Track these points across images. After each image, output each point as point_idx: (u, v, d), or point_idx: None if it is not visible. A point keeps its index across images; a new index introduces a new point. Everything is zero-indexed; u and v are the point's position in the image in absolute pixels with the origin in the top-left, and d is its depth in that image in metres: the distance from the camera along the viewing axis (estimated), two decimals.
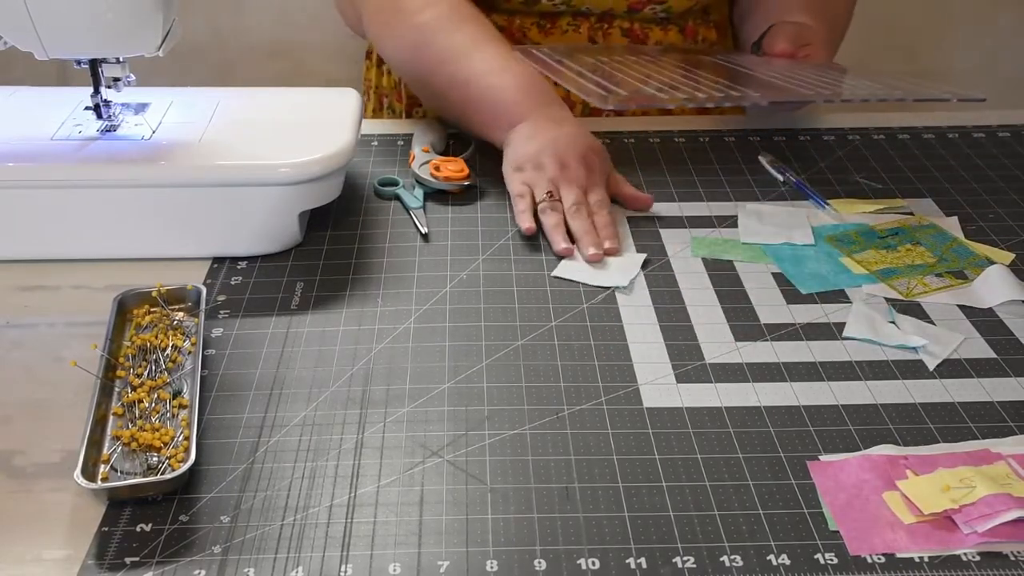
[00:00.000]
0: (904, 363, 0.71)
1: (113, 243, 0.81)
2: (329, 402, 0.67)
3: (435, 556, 0.56)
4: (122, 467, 0.61)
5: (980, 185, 0.95)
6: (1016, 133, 1.05)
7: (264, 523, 0.58)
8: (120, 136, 0.83)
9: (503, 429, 0.65)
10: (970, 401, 0.67)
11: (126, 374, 0.68)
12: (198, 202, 0.80)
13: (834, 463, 0.62)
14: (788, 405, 0.67)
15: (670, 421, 0.65)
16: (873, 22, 1.68)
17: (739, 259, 0.83)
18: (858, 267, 0.81)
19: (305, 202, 0.82)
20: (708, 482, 0.61)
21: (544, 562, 0.56)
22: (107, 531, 0.57)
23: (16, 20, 0.75)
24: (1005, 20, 1.69)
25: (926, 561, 0.56)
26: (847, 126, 1.06)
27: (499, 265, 0.82)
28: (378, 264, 0.82)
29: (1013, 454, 0.62)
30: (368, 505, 0.59)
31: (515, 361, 0.71)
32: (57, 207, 0.79)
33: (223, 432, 0.64)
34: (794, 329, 0.75)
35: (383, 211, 0.90)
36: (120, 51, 0.80)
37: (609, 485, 0.61)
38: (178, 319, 0.74)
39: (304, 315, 0.76)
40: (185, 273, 0.80)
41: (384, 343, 0.73)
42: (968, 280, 0.80)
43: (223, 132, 0.84)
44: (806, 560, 0.56)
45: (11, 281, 0.80)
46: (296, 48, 1.60)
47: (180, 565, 0.55)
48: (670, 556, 0.56)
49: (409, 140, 1.01)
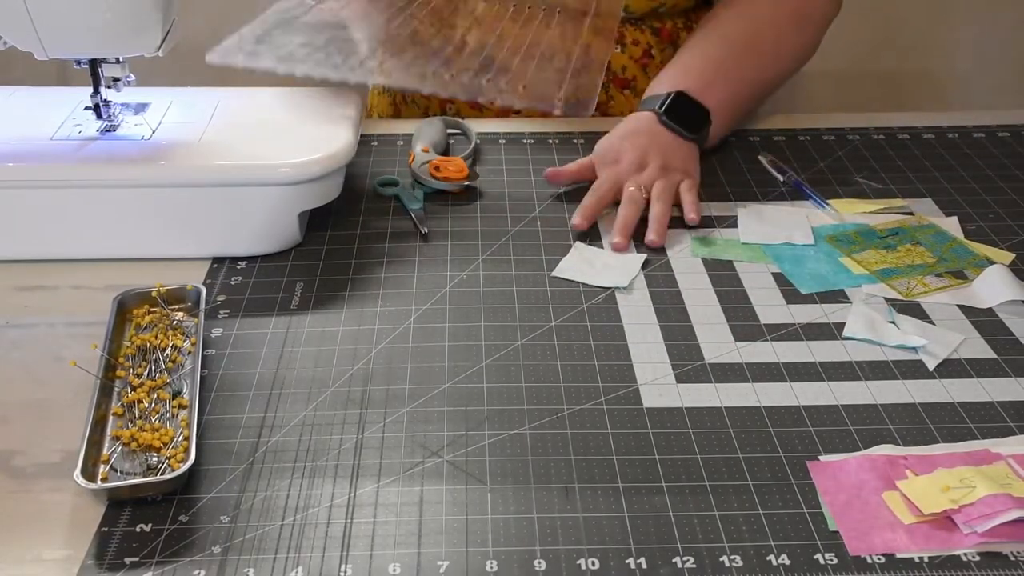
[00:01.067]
0: (904, 363, 0.71)
1: (113, 243, 0.81)
2: (329, 402, 0.67)
3: (435, 556, 0.56)
4: (122, 467, 0.61)
5: (980, 185, 0.95)
6: (1016, 133, 1.05)
7: (264, 523, 0.58)
8: (120, 136, 0.83)
9: (503, 429, 0.65)
10: (970, 401, 0.67)
11: (126, 374, 0.68)
12: (198, 202, 0.80)
13: (834, 463, 0.62)
14: (788, 405, 0.67)
15: (670, 421, 0.65)
16: (873, 22, 1.68)
17: (739, 259, 0.83)
18: (858, 267, 0.81)
19: (305, 202, 0.82)
20: (708, 482, 0.61)
21: (544, 562, 0.56)
22: (107, 531, 0.57)
23: (16, 20, 0.75)
24: (1005, 20, 1.69)
25: (926, 561, 0.56)
26: (847, 126, 1.06)
27: (499, 265, 0.82)
28: (378, 264, 0.82)
29: (1013, 454, 0.62)
30: (368, 505, 0.59)
31: (515, 361, 0.71)
32: (57, 207, 0.79)
33: (223, 432, 0.64)
34: (794, 329, 0.74)
35: (383, 211, 0.90)
36: (120, 51, 0.80)
37: (609, 485, 0.61)
38: (178, 319, 0.74)
39: (304, 315, 0.76)
40: (185, 273, 0.80)
41: (384, 343, 0.73)
42: (968, 280, 0.80)
43: (223, 132, 0.84)
44: (806, 560, 0.56)
45: (11, 281, 0.80)
46: None
47: (180, 565, 0.55)
48: (670, 556, 0.56)
49: (409, 140, 1.01)
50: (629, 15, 1.07)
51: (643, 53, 1.10)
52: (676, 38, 1.10)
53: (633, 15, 1.07)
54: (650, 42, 1.09)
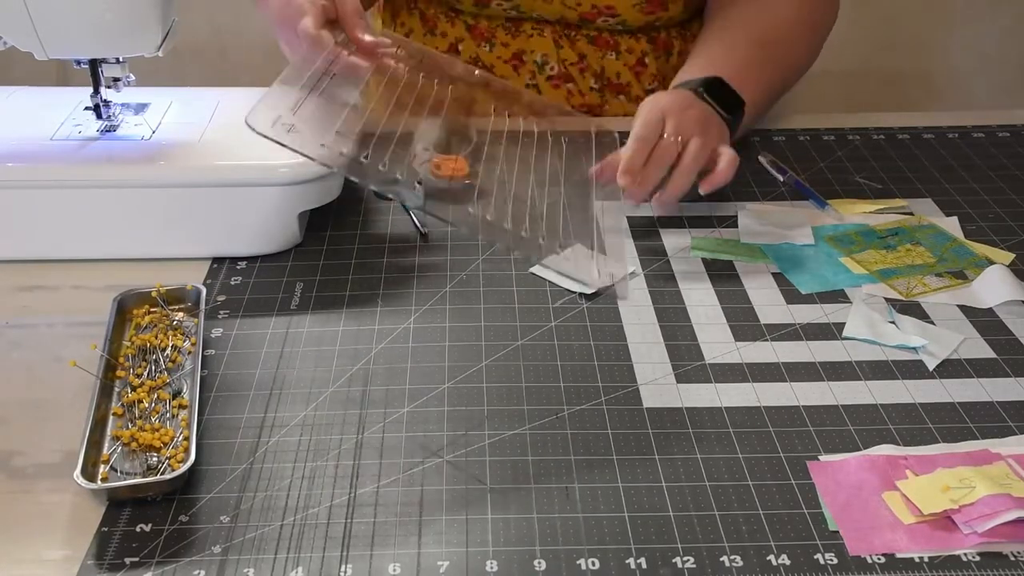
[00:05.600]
0: (904, 363, 0.71)
1: (113, 243, 0.81)
2: (329, 402, 0.67)
3: (435, 556, 0.56)
4: (122, 467, 0.61)
5: (980, 185, 0.95)
6: (1016, 133, 1.05)
7: (264, 523, 0.58)
8: (120, 136, 0.83)
9: (503, 429, 0.65)
10: (970, 401, 0.67)
11: (126, 374, 0.68)
12: (198, 202, 0.80)
13: (834, 463, 0.62)
14: (788, 405, 0.67)
15: (670, 421, 0.65)
16: (873, 22, 1.68)
17: (739, 259, 0.83)
18: (858, 267, 0.81)
19: (305, 202, 0.82)
20: (708, 482, 0.61)
21: (544, 562, 0.56)
22: (107, 531, 0.57)
23: (16, 20, 0.75)
24: (1004, 20, 1.69)
25: (926, 561, 0.56)
26: (847, 126, 1.06)
27: (499, 265, 0.82)
28: (378, 264, 0.82)
29: (1013, 454, 0.62)
30: (368, 505, 0.59)
31: (515, 361, 0.71)
32: (57, 207, 0.79)
33: (223, 432, 0.64)
34: (794, 329, 0.74)
35: (383, 211, 0.90)
36: (120, 51, 0.80)
37: (609, 485, 0.61)
38: (178, 319, 0.74)
39: (304, 315, 0.76)
40: (185, 273, 0.80)
41: (384, 343, 0.73)
42: (968, 280, 0.80)
43: (223, 132, 0.84)
44: (806, 560, 0.56)
45: (11, 281, 0.80)
46: None
47: (180, 565, 0.55)
48: (670, 556, 0.56)
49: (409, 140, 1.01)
50: (625, 28, 1.07)
51: (637, 61, 1.10)
52: (670, 47, 1.10)
53: (630, 28, 1.07)
54: (644, 50, 1.09)
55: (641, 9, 1.04)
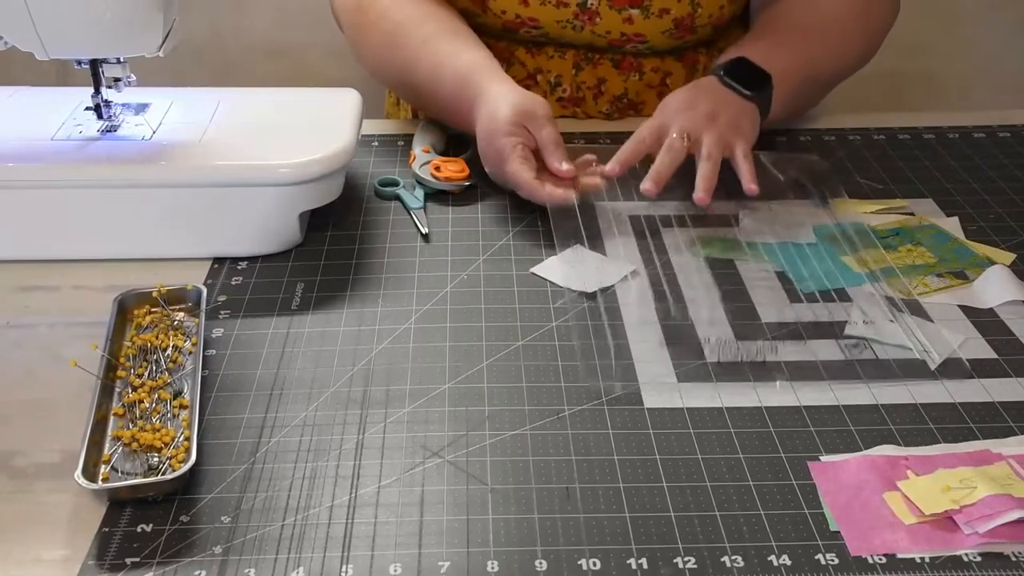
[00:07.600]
0: (905, 363, 0.71)
1: (113, 243, 0.81)
2: (329, 402, 0.67)
3: (436, 557, 0.56)
4: (123, 467, 0.61)
5: (980, 185, 0.95)
6: (1016, 133, 1.05)
7: (265, 524, 0.58)
8: (120, 136, 0.83)
9: (503, 429, 0.65)
10: (971, 401, 0.67)
11: (127, 374, 0.68)
12: (198, 202, 0.80)
13: (835, 463, 0.62)
14: (788, 405, 0.67)
15: (670, 421, 0.65)
16: None
17: (739, 259, 0.83)
18: (858, 267, 0.81)
19: (305, 202, 0.82)
20: (709, 482, 0.61)
21: (545, 563, 0.56)
22: (107, 531, 0.57)
23: (16, 20, 0.75)
24: (1004, 21, 1.69)
25: (927, 562, 0.56)
26: (847, 126, 1.06)
27: (499, 265, 0.82)
28: (378, 264, 0.82)
29: (1014, 455, 0.62)
30: (369, 506, 0.59)
31: (515, 361, 0.71)
32: (57, 207, 0.79)
33: (224, 432, 0.64)
34: (795, 329, 0.74)
35: (383, 211, 0.90)
36: (120, 51, 0.80)
37: (610, 485, 0.61)
38: (178, 319, 0.74)
39: (304, 315, 0.76)
40: (185, 273, 0.80)
41: (384, 343, 0.73)
42: (968, 280, 0.80)
43: (223, 132, 0.84)
44: (807, 561, 0.56)
45: (11, 281, 0.79)
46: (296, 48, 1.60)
47: (181, 566, 0.55)
48: (671, 556, 0.56)
49: (409, 140, 1.01)
50: (651, 50, 1.06)
51: (659, 81, 1.09)
52: (696, 62, 1.10)
53: (657, 50, 1.07)
54: (669, 70, 1.08)
55: (671, 35, 1.03)
